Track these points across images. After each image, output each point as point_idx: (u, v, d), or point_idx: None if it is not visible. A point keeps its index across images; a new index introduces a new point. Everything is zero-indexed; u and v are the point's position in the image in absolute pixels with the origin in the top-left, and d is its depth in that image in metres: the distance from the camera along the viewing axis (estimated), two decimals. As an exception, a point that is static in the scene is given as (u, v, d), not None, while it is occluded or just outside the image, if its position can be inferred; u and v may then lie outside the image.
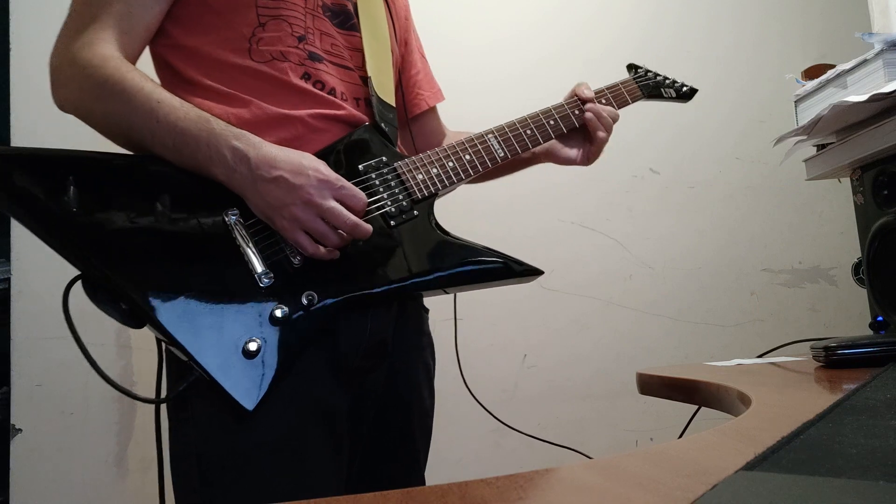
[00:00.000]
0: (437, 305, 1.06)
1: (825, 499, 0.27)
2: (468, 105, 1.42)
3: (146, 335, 0.84)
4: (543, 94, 1.79)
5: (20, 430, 1.43)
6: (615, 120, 1.06)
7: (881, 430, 0.39)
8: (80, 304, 1.57)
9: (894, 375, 0.62)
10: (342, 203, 0.79)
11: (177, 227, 0.77)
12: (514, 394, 1.71)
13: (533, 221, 1.78)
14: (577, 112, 1.04)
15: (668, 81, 1.18)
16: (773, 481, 0.30)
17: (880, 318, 0.91)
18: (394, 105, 1.00)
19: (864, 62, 0.92)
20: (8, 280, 1.47)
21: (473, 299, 1.24)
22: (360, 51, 0.97)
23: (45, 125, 1.52)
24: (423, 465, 1.02)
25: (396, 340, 0.92)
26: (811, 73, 1.11)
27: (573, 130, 1.05)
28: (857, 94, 0.90)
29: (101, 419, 1.47)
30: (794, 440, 0.37)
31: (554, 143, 1.07)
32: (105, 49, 0.82)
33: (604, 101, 1.07)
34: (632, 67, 1.19)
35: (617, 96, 1.10)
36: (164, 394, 0.82)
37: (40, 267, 1.48)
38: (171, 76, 0.89)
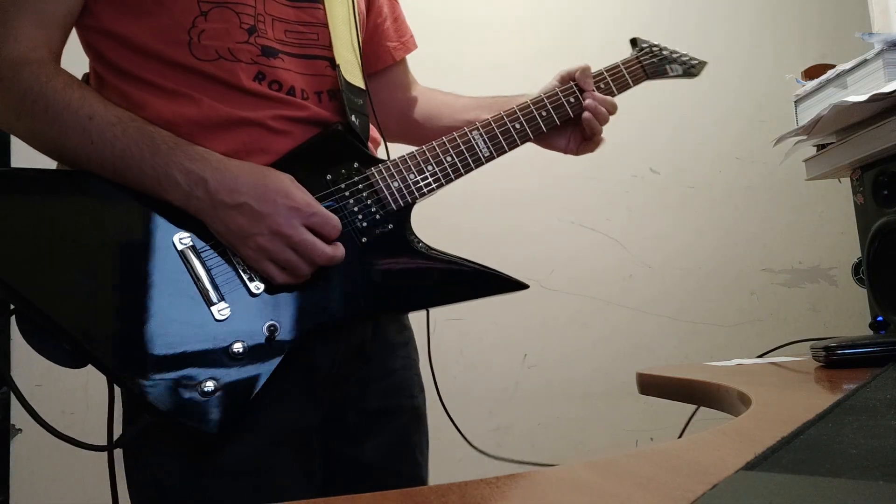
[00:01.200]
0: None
1: (825, 499, 0.27)
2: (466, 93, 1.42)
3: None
4: (538, 85, 1.80)
5: (20, 430, 1.43)
6: (614, 111, 0.95)
7: (881, 430, 0.39)
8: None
9: (894, 375, 0.62)
10: (314, 231, 0.71)
11: (121, 255, 0.70)
12: (515, 393, 1.71)
13: (533, 221, 1.78)
14: (572, 100, 0.94)
15: (674, 55, 1.07)
16: (773, 481, 0.30)
17: (880, 318, 0.91)
18: (364, 88, 0.88)
19: (864, 62, 0.92)
20: (8, 280, 1.48)
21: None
22: (325, 26, 0.84)
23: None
24: (424, 464, 0.97)
25: (377, 344, 0.86)
26: (811, 73, 1.11)
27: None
28: (857, 94, 0.90)
29: (101, 419, 1.46)
30: (794, 440, 0.37)
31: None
32: (17, 50, 0.70)
33: (602, 87, 0.96)
34: (635, 43, 1.08)
35: (618, 79, 0.99)
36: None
37: (40, 267, 1.48)
38: (104, 67, 0.77)
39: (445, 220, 0.89)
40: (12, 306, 0.67)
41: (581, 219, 1.83)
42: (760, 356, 1.09)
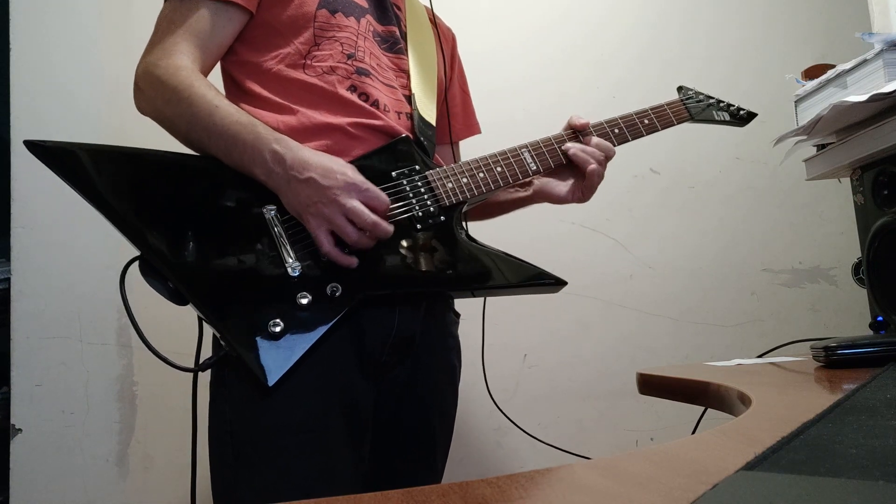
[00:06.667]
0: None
1: (825, 499, 0.27)
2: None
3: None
4: (552, 98, 1.80)
5: (20, 430, 1.43)
6: (608, 154, 1.05)
7: (881, 430, 0.39)
8: (79, 305, 1.56)
9: (894, 375, 0.62)
10: (366, 204, 0.84)
11: (221, 220, 0.86)
12: (516, 393, 1.71)
13: (534, 222, 1.77)
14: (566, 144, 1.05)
15: (721, 104, 1.16)
16: (773, 481, 0.30)
17: (880, 318, 0.91)
18: (433, 124, 1.04)
19: (864, 62, 0.93)
20: (8, 280, 1.47)
21: (475, 299, 1.24)
22: (406, 72, 1.04)
23: (44, 124, 1.52)
24: (440, 467, 1.02)
25: (423, 339, 0.95)
26: (811, 73, 1.11)
27: (563, 167, 1.05)
28: (857, 94, 0.90)
29: (101, 419, 1.47)
30: (794, 440, 0.37)
31: (549, 181, 1.07)
32: (180, 60, 0.89)
33: (646, 122, 1.07)
34: (681, 89, 1.16)
35: (661, 116, 1.09)
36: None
37: (40, 267, 1.48)
38: (234, 88, 0.98)
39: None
40: (139, 252, 0.82)
41: (582, 220, 1.83)
42: (760, 356, 1.09)
